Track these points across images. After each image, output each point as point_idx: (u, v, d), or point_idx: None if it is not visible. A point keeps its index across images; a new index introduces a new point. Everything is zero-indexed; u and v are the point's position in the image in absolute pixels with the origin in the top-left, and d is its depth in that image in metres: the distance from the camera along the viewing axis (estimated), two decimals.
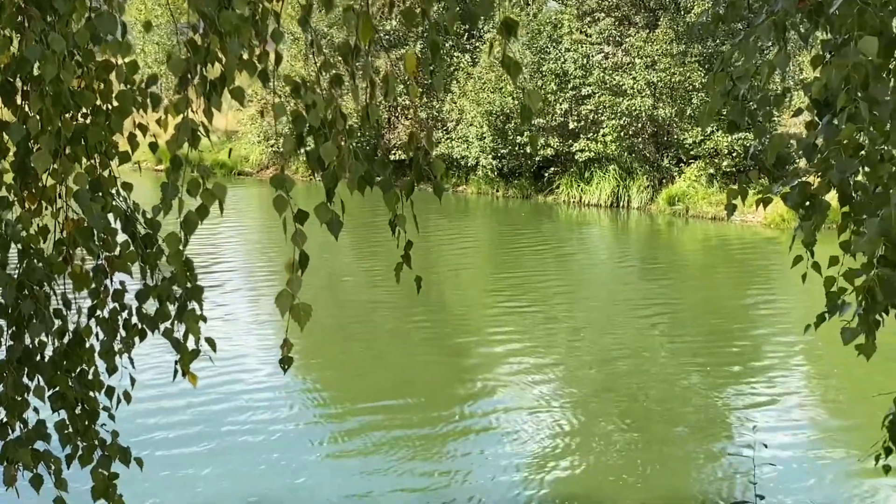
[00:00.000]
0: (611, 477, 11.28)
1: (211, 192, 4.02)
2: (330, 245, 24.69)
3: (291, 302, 3.81)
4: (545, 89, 34.53)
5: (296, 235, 3.85)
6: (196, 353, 4.71)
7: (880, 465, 5.84)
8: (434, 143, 18.57)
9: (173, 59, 3.95)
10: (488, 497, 10.66)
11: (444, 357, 16.36)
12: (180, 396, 13.32)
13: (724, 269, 25.50)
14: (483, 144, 35.63)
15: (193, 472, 11.15)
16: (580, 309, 20.34)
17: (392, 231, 4.21)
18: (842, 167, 4.22)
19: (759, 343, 17.58)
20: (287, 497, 10.56)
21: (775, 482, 10.82)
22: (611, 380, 14.99)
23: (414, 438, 12.37)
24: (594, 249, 28.56)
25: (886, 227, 4.07)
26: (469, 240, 29.28)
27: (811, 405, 14.25)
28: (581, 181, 34.91)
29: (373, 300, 20.36)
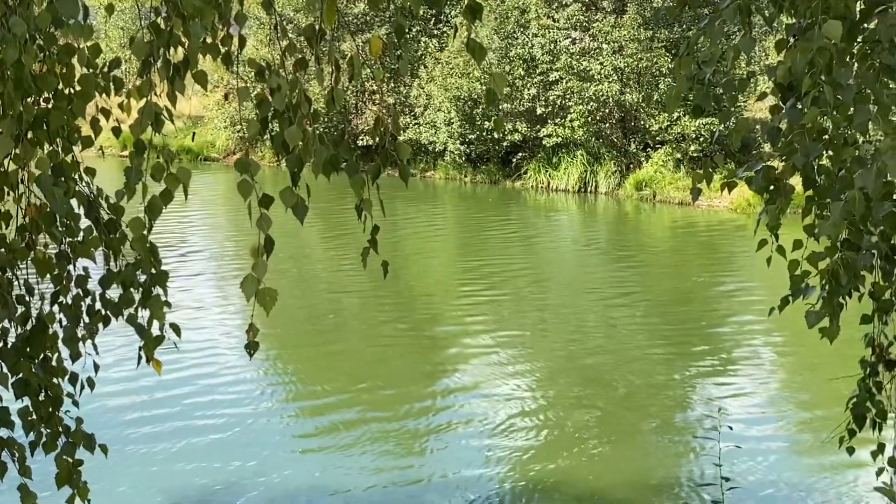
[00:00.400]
0: (579, 462, 11.32)
1: (175, 176, 3.98)
2: (297, 231, 24.67)
3: (257, 287, 3.79)
4: (513, 75, 34.51)
5: (261, 220, 3.83)
6: (161, 340, 4.68)
7: (844, 447, 5.91)
8: (401, 128, 18.51)
9: (136, 43, 3.91)
10: (458, 485, 10.66)
11: (412, 344, 16.34)
12: (148, 386, 13.25)
13: (691, 254, 25.62)
14: (451, 130, 35.60)
15: (161, 463, 11.08)
16: (549, 295, 20.38)
17: (358, 216, 4.19)
18: (805, 151, 4.24)
19: (726, 327, 17.69)
20: (255, 486, 10.52)
21: (740, 465, 10.91)
22: (579, 365, 15.04)
23: (383, 426, 12.36)
24: (562, 235, 28.62)
25: (850, 210, 4.10)
26: (437, 226, 29.26)
27: (777, 388, 14.37)
28: (549, 166, 34.96)
29: (341, 287, 20.32)
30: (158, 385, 13.21)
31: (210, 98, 40.47)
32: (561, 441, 11.94)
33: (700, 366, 15.21)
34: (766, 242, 4.90)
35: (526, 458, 11.40)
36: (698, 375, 14.73)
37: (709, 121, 31.15)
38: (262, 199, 3.86)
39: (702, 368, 15.09)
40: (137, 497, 10.27)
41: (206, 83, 4.26)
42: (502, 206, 32.27)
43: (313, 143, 3.89)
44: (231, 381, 13.91)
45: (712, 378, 14.58)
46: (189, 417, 12.50)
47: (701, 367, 15.12)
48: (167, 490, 10.45)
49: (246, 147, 6.24)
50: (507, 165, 36.33)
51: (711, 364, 15.31)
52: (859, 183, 4.07)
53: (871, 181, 4.04)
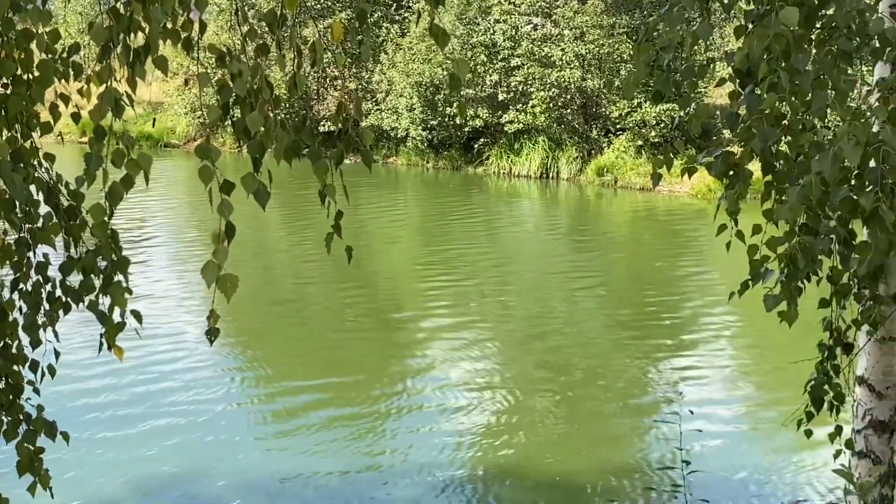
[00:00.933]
0: (542, 446, 11.39)
1: (136, 162, 3.96)
2: (261, 219, 24.52)
3: (218, 273, 3.77)
4: (475, 61, 34.50)
5: (222, 206, 3.81)
6: (122, 326, 4.65)
7: (802, 430, 5.98)
8: (363, 113, 18.39)
9: (95, 28, 3.87)
10: (420, 469, 10.71)
11: (377, 332, 16.34)
12: (111, 375, 13.18)
13: (652, 240, 25.78)
14: (413, 116, 35.55)
15: (125, 451, 11.04)
16: (512, 281, 20.44)
17: (322, 201, 4.19)
18: (764, 136, 4.28)
19: (686, 311, 17.83)
20: (221, 476, 10.49)
21: (702, 448, 11.01)
22: (542, 351, 15.11)
23: (346, 411, 12.38)
24: (524, 221, 28.69)
25: (807, 195, 4.15)
26: (400, 212, 29.24)
27: (737, 372, 14.51)
28: (511, 152, 35.01)
29: (305, 274, 20.28)
30: (123, 372, 13.14)
31: (170, 84, 40.14)
32: (524, 425, 12.00)
33: (661, 349, 15.32)
34: (726, 227, 4.94)
35: (489, 442, 11.45)
36: (659, 359, 14.83)
37: (669, 107, 31.29)
38: (222, 185, 3.84)
39: (662, 352, 15.20)
40: (101, 484, 10.23)
41: (167, 69, 4.23)
42: (464, 192, 32.28)
43: (275, 128, 3.87)
44: (195, 367, 13.86)
45: (673, 361, 14.69)
46: (153, 404, 12.46)
47: (662, 351, 15.23)
48: (130, 477, 10.41)
49: (206, 133, 6.20)
50: (469, 151, 36.34)
51: (672, 348, 15.43)
52: (816, 168, 4.11)
53: (828, 166, 4.09)
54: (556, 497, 10.17)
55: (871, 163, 4.32)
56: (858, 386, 6.32)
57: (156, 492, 10.21)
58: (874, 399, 6.26)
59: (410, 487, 10.29)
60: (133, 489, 10.24)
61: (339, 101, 4.11)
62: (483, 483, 10.47)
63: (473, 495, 10.21)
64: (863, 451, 6.33)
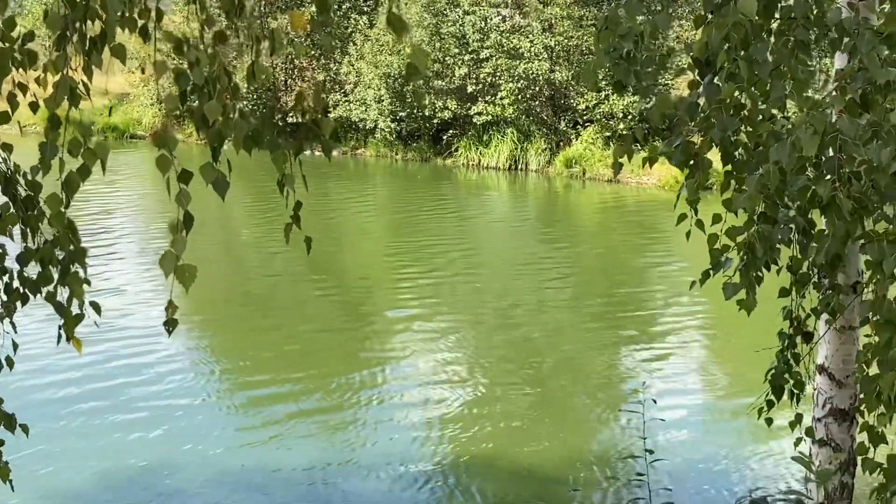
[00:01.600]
0: (511, 438, 11.42)
1: (93, 151, 3.93)
2: (229, 212, 24.45)
3: (176, 263, 3.76)
4: (444, 52, 34.48)
5: (180, 195, 3.79)
6: (80, 318, 4.62)
7: (762, 418, 6.03)
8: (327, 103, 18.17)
9: (51, 16, 3.84)
10: (391, 462, 10.72)
11: (346, 324, 16.29)
12: (79, 368, 13.09)
13: (621, 231, 25.87)
14: (381, 107, 35.46)
15: (94, 444, 10.97)
16: (480, 273, 20.44)
17: (280, 191, 4.17)
18: (722, 126, 4.30)
19: (654, 301, 17.92)
20: (189, 469, 10.43)
21: (667, 438, 11.09)
22: (511, 343, 15.14)
23: (317, 407, 12.35)
24: (493, 213, 28.69)
25: (765, 183, 4.17)
26: (369, 204, 29.18)
27: (704, 362, 14.60)
28: (479, 144, 35.01)
29: (274, 267, 20.16)
30: (91, 365, 13.08)
31: (136, 75, 39.81)
32: (491, 416, 12.02)
33: (628, 340, 15.41)
34: (686, 217, 4.96)
35: (457, 434, 11.47)
36: (626, 349, 14.92)
37: (635, 99, 31.38)
38: (180, 174, 3.82)
39: (630, 342, 15.28)
40: (69, 477, 10.17)
41: (125, 57, 4.20)
42: (433, 184, 32.26)
43: (233, 117, 3.85)
44: (164, 361, 13.76)
45: (639, 352, 14.77)
46: (122, 398, 12.37)
47: (629, 342, 15.32)
48: (98, 470, 10.35)
49: (164, 122, 6.13)
50: (437, 143, 36.30)
51: (639, 338, 15.51)
52: (774, 157, 4.14)
53: (785, 155, 4.11)
54: (521, 486, 10.19)
55: (829, 152, 4.36)
56: (819, 375, 6.38)
57: (123, 485, 10.13)
58: (834, 387, 6.32)
59: (378, 480, 10.28)
60: (101, 482, 10.16)
61: (298, 90, 4.09)
62: (451, 475, 10.48)
63: (442, 487, 10.22)
64: (823, 439, 6.40)
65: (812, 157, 4.27)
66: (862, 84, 4.50)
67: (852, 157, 4.23)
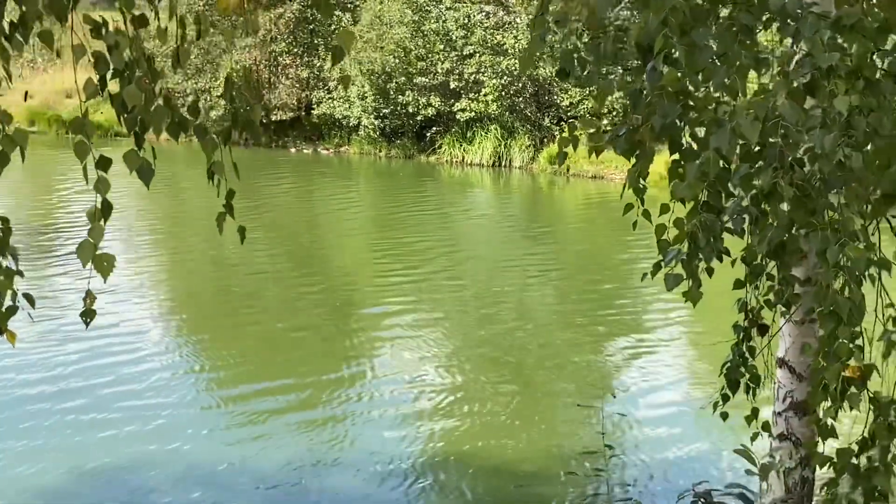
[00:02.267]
0: (488, 434, 11.42)
1: (11, 138, 3.82)
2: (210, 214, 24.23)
3: (93, 252, 3.65)
4: (427, 49, 34.38)
5: (98, 183, 3.69)
6: (13, 311, 4.50)
7: (718, 413, 5.94)
8: (263, 98, 17.85)
9: None
10: (373, 459, 10.69)
11: (328, 321, 16.19)
12: (52, 366, 13.01)
13: (603, 228, 25.81)
14: (365, 104, 35.32)
15: (65, 442, 10.88)
16: (464, 270, 20.35)
17: (210, 179, 4.07)
18: (664, 112, 4.20)
19: (636, 299, 17.86)
20: (163, 466, 10.34)
21: (621, 432, 11.11)
22: (492, 339, 15.15)
23: (299, 402, 12.33)
24: (477, 209, 28.61)
25: (705, 171, 4.08)
26: (353, 200, 29.07)
27: (679, 358, 14.57)
28: (463, 141, 34.90)
29: (256, 265, 20.03)
30: (65, 363, 13.07)
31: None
32: (470, 413, 12.06)
33: (608, 336, 15.45)
34: (633, 207, 4.87)
35: (433, 431, 11.49)
36: (606, 347, 14.93)
37: (619, 94, 31.23)
38: (98, 161, 3.72)
39: (609, 339, 15.31)
40: (40, 473, 10.09)
41: (53, 43, 4.09)
42: (417, 181, 32.16)
43: (154, 102, 3.75)
44: (142, 359, 13.68)
45: (620, 349, 14.80)
46: (96, 396, 12.29)
47: (609, 338, 15.36)
48: (69, 467, 10.28)
49: (84, 108, 6.03)
50: (421, 140, 36.17)
51: (619, 334, 15.55)
52: (714, 143, 4.05)
53: (726, 142, 4.02)
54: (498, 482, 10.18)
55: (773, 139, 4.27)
56: (779, 368, 6.29)
57: (95, 483, 10.06)
58: (794, 381, 6.22)
59: (355, 477, 10.24)
60: (72, 480, 10.08)
61: (226, 76, 3.99)
62: (429, 471, 10.46)
63: (417, 484, 10.20)
64: (783, 433, 6.30)
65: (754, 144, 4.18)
66: (808, 70, 4.41)
67: (795, 143, 4.15)
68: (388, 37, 34.85)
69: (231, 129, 4.11)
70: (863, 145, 4.30)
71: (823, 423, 4.64)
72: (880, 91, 4.35)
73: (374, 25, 34.86)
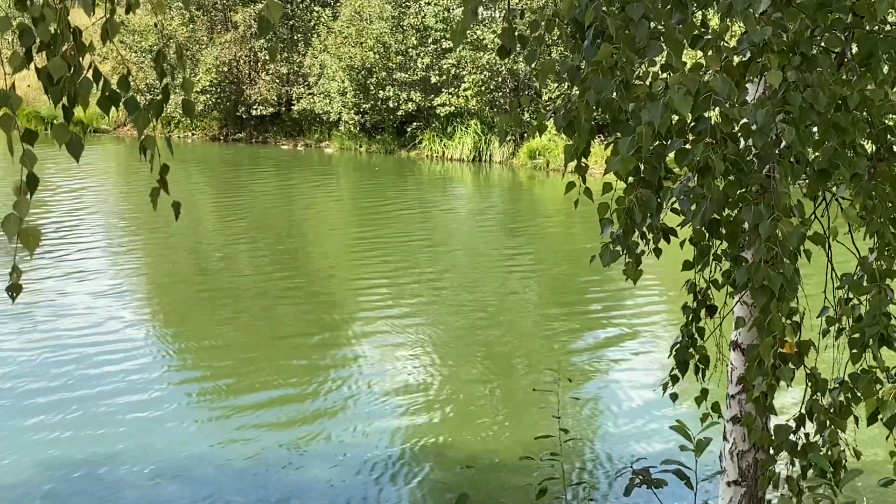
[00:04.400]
0: (462, 425, 11.46)
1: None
2: (192, 206, 24.22)
3: (19, 226, 3.62)
4: (406, 44, 34.35)
5: (24, 156, 3.65)
6: None
7: (668, 394, 5.94)
8: (185, 64, 17.81)
9: None
10: (355, 447, 10.76)
11: (309, 313, 16.19)
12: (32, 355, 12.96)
13: (581, 222, 25.81)
14: (345, 100, 35.30)
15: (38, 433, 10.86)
16: (444, 264, 20.35)
17: (142, 153, 4.03)
18: (599, 87, 4.20)
19: (609, 291, 17.89)
20: (136, 457, 10.32)
21: (577, 416, 11.16)
22: (469, 330, 15.24)
23: (277, 395, 12.35)
24: (457, 204, 28.62)
25: (637, 146, 4.07)
26: (333, 196, 29.05)
27: (640, 345, 14.63)
28: (443, 136, 34.92)
29: (235, 258, 20.01)
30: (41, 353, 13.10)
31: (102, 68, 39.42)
32: (446, 403, 12.14)
33: (585, 327, 15.56)
34: (574, 185, 4.86)
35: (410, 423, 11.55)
36: (583, 337, 15.03)
37: None
38: (24, 134, 3.68)
39: (580, 330, 15.36)
40: (12, 464, 10.09)
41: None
42: (398, 177, 32.14)
43: (82, 75, 3.72)
44: (116, 351, 13.66)
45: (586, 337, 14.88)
46: (70, 386, 12.27)
47: (586, 329, 15.46)
48: (43, 458, 10.25)
49: (11, 81, 5.97)
50: (402, 135, 36.17)
51: (596, 325, 15.68)
52: (646, 117, 4.04)
53: (658, 116, 4.01)
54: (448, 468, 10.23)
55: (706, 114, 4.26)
56: (732, 351, 6.29)
57: (70, 478, 9.98)
58: (746, 363, 6.23)
59: (327, 469, 10.24)
60: (47, 475, 10.02)
61: (158, 49, 3.97)
62: (401, 462, 10.50)
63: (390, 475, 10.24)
64: (737, 416, 6.30)
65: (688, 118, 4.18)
66: (745, 46, 4.41)
67: (728, 118, 4.14)
68: (368, 32, 34.81)
69: (162, 102, 4.08)
70: (799, 121, 4.30)
71: (760, 399, 4.64)
72: (817, 66, 4.36)
73: (353, 21, 34.81)
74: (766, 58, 4.09)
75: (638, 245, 4.52)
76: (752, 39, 4.17)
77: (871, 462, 8.66)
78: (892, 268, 4.99)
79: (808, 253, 4.54)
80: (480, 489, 9.24)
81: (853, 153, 4.66)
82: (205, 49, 36.95)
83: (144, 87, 34.38)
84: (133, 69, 33.77)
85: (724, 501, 6.04)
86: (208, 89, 36.23)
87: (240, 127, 38.01)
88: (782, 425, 4.83)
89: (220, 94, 36.87)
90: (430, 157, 35.01)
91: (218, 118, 38.03)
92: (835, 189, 5.24)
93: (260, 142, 37.69)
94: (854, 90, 4.42)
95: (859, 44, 4.57)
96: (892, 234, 4.98)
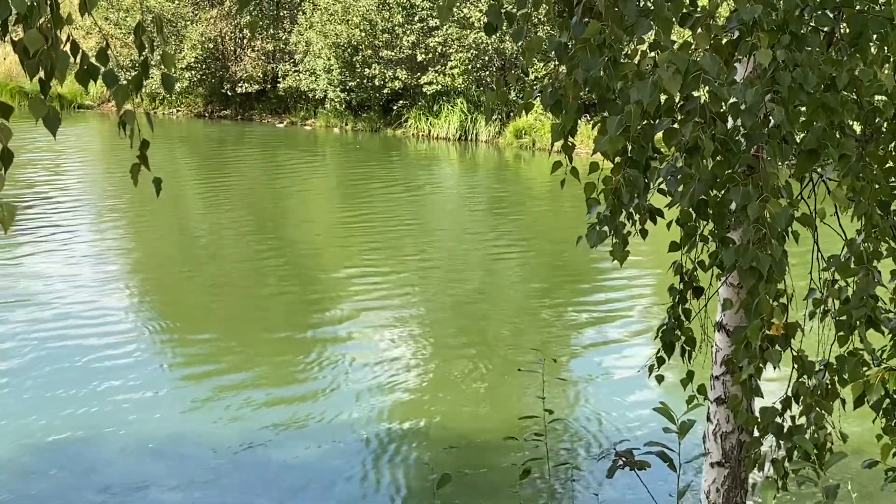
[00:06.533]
0: (439, 402, 11.51)
1: None
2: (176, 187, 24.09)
3: None
4: (392, 21, 34.18)
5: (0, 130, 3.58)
6: None
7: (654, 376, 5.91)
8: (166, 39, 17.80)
9: None
10: (339, 428, 10.78)
11: (296, 293, 16.17)
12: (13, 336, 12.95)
13: (568, 201, 25.78)
14: (331, 77, 35.13)
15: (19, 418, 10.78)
16: (430, 243, 20.33)
17: (122, 129, 3.96)
18: (586, 65, 4.14)
19: (594, 271, 17.89)
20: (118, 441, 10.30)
21: (562, 397, 11.20)
22: (455, 308, 15.29)
23: (265, 373, 12.39)
24: (443, 183, 28.57)
25: (625, 125, 4.02)
26: (319, 174, 28.97)
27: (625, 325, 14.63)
28: (430, 114, 34.80)
29: (221, 239, 19.93)
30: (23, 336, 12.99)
31: (86, 43, 39.16)
32: (432, 383, 12.16)
33: (564, 306, 15.50)
34: (561, 165, 4.81)
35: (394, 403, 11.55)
36: (568, 317, 15.01)
37: None
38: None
39: (565, 308, 15.38)
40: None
41: None
42: (384, 155, 32.04)
43: (57, 48, 3.64)
44: (104, 336, 13.52)
45: (572, 317, 14.88)
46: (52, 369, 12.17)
47: (564, 308, 15.42)
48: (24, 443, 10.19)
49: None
50: (388, 113, 36.03)
51: (576, 305, 15.67)
52: (635, 96, 3.99)
53: (647, 94, 3.96)
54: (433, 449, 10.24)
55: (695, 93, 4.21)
56: (717, 332, 6.25)
57: (52, 456, 9.98)
58: (731, 344, 6.19)
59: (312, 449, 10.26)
60: (28, 454, 10.02)
61: (138, 22, 3.90)
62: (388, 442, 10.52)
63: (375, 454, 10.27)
64: (721, 397, 6.28)
65: (677, 97, 4.12)
66: (735, 24, 4.36)
67: (716, 97, 4.09)
68: (354, 9, 34.61)
69: (141, 76, 4.01)
70: (788, 101, 4.25)
71: (746, 382, 4.61)
72: (807, 45, 4.30)
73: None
74: (756, 36, 4.04)
75: (625, 226, 4.46)
76: (742, 17, 4.11)
77: (857, 444, 8.68)
78: (879, 250, 4.95)
79: (796, 234, 4.50)
80: (464, 469, 9.23)
81: (842, 134, 4.61)
82: (190, 25, 36.70)
83: (129, 63, 34.12)
84: (117, 45, 33.53)
85: (707, 483, 6.01)
86: (193, 66, 36.03)
87: (225, 104, 37.83)
88: (768, 408, 4.80)
89: (206, 70, 36.66)
90: (416, 135, 34.90)
91: (203, 95, 37.84)
92: (822, 170, 5.20)
93: (245, 119, 37.53)
94: (843, 70, 4.36)
95: (849, 23, 4.52)
96: (880, 215, 4.94)
